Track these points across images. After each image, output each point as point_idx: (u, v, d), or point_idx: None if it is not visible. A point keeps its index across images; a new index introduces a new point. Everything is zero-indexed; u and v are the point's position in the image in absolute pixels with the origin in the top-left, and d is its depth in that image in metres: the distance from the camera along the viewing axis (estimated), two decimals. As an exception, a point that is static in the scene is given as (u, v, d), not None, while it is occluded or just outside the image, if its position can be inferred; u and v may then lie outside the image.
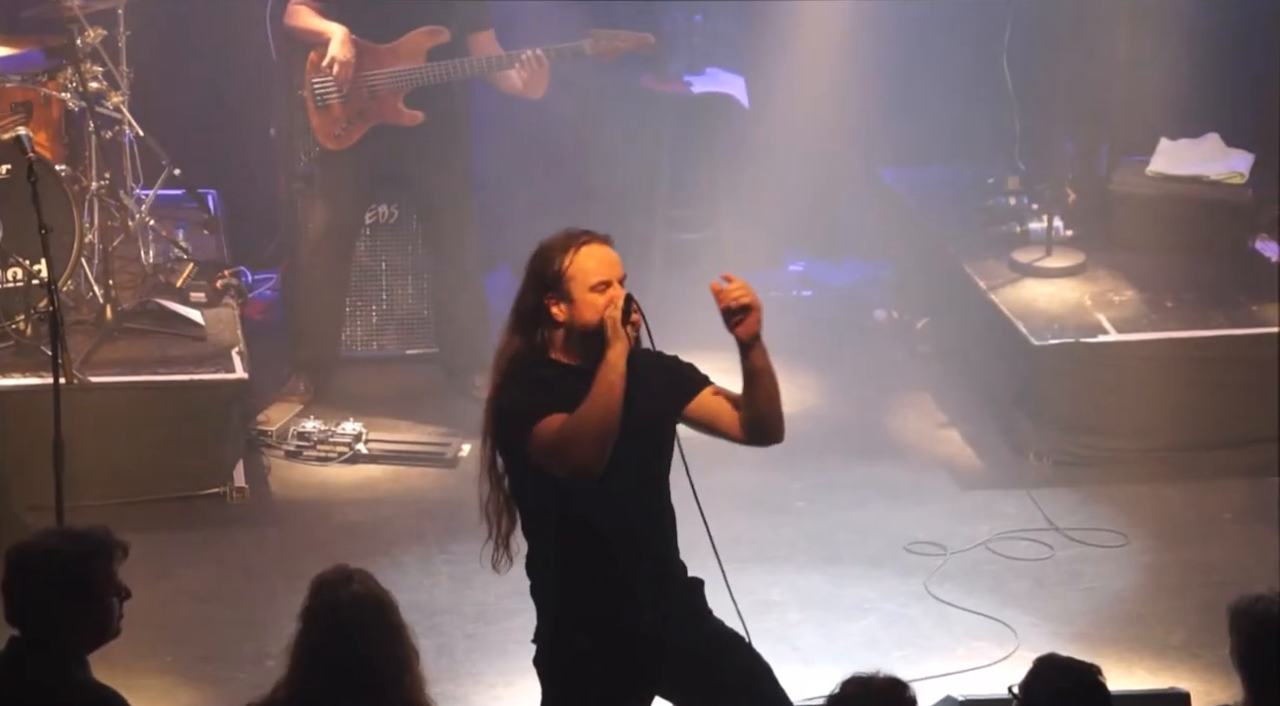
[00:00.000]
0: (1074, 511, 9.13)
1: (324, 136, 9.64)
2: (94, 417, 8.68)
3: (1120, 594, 8.50)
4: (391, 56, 9.53)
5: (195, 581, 8.27)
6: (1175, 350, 9.58)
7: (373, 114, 9.58)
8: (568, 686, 6.09)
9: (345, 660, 5.71)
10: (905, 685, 5.55)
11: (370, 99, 9.55)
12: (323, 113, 9.61)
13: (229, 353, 9.44)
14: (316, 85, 9.57)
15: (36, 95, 9.48)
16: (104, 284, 9.52)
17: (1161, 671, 7.57)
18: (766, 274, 11.04)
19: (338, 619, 5.74)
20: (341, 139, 9.63)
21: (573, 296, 5.99)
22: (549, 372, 5.98)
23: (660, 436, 6.12)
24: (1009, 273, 10.14)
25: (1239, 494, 9.25)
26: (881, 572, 8.68)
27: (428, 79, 9.54)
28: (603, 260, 6.05)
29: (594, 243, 6.08)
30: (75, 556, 5.69)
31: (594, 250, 6.06)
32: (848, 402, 10.09)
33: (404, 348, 10.32)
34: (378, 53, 9.53)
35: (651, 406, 6.10)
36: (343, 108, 9.58)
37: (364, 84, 9.52)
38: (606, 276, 6.03)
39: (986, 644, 8.09)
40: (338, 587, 5.77)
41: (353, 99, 9.55)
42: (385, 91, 9.53)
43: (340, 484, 9.38)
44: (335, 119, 9.60)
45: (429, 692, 5.77)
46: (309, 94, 9.61)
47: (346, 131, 9.62)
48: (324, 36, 9.51)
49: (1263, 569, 8.21)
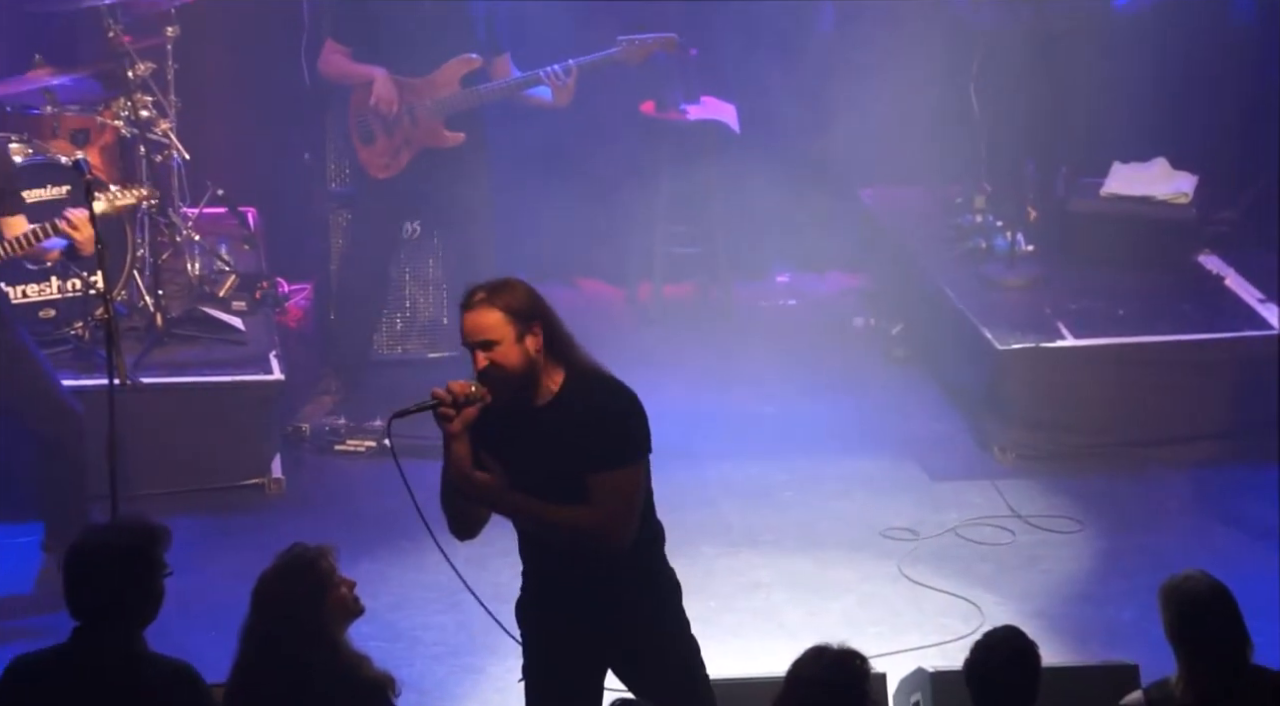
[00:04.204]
0: (1034, 500, 9.13)
1: (373, 168, 9.62)
2: (145, 415, 8.70)
3: (1076, 575, 8.52)
4: (430, 87, 9.50)
5: (236, 564, 8.24)
6: (1126, 354, 9.59)
7: (418, 140, 9.54)
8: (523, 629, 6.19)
9: (262, 632, 5.73)
10: (858, 654, 5.49)
11: (413, 126, 9.51)
12: (368, 146, 9.59)
13: (267, 356, 9.45)
14: (360, 122, 9.56)
15: (93, 122, 9.52)
16: (154, 294, 9.54)
17: (1113, 646, 7.57)
18: (755, 285, 11.08)
19: (255, 595, 5.78)
20: (390, 167, 9.60)
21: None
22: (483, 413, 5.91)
23: (570, 474, 5.90)
24: (975, 283, 10.13)
25: (1183, 485, 9.26)
26: (860, 556, 8.68)
27: (469, 102, 9.51)
28: (468, 326, 5.90)
29: (465, 309, 5.91)
30: (134, 548, 5.72)
31: (465, 317, 5.91)
32: (829, 402, 10.06)
33: (426, 352, 10.33)
34: (416, 85, 9.50)
35: (569, 451, 5.90)
36: (388, 139, 9.56)
37: (406, 114, 9.50)
38: (470, 341, 5.89)
39: (955, 620, 8.10)
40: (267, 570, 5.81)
41: (397, 129, 9.53)
42: (428, 117, 9.50)
43: (367, 475, 9.37)
44: (381, 150, 9.58)
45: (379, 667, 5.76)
46: (355, 130, 9.59)
47: (395, 160, 9.59)
48: (365, 78, 9.48)
49: (1204, 553, 8.23)
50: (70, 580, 5.71)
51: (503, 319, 5.84)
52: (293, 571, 5.76)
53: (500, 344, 5.83)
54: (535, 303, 5.91)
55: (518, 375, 5.85)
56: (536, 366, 5.89)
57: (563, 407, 5.90)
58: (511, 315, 5.85)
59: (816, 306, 11.02)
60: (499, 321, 5.84)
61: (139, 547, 5.71)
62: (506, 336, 5.84)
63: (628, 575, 6.04)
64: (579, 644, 6.09)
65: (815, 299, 11.09)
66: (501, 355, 5.82)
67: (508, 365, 5.83)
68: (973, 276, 10.19)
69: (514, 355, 5.84)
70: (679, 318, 10.77)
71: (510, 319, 5.84)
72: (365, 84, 9.50)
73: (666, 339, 10.59)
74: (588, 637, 6.08)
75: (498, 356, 5.82)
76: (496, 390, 5.84)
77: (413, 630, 7.85)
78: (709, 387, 10.16)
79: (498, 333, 5.83)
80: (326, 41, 9.65)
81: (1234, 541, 8.77)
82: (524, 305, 5.88)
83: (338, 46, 9.58)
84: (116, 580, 5.66)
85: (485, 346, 5.83)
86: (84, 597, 5.69)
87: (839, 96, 10.79)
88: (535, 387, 5.90)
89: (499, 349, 5.83)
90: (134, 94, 9.58)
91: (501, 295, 5.87)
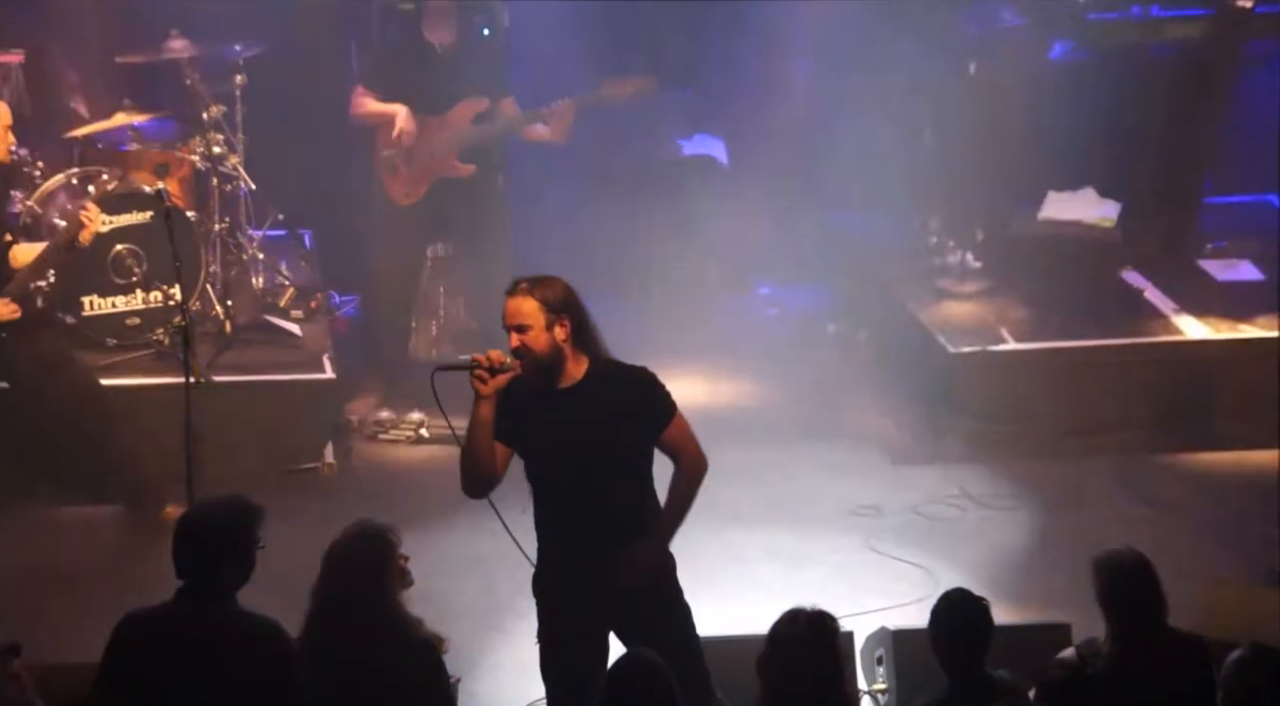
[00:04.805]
0: (982, 482, 9.15)
1: (396, 196, 9.61)
2: (216, 409, 8.69)
3: (1017, 547, 8.54)
4: (445, 124, 9.50)
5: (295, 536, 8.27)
6: (1060, 356, 9.62)
7: (434, 171, 9.53)
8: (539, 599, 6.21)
9: (333, 592, 5.79)
10: (829, 615, 5.55)
11: (430, 159, 9.52)
12: (392, 177, 9.58)
13: (320, 358, 9.49)
14: (386, 156, 9.56)
15: (172, 157, 9.55)
16: (224, 304, 9.58)
17: (1049, 608, 7.58)
18: (741, 297, 11.09)
19: (328, 559, 5.82)
20: (411, 195, 9.60)
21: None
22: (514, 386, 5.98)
23: (611, 438, 6.01)
24: (931, 295, 10.17)
25: (1110, 469, 9.27)
26: (832, 531, 8.70)
27: (477, 138, 9.50)
28: (508, 310, 5.99)
29: (509, 295, 6.01)
30: (236, 523, 5.75)
31: (507, 302, 6.00)
32: (805, 397, 10.08)
33: (457, 353, 10.24)
34: (433, 123, 9.50)
35: (610, 415, 5.99)
36: (409, 171, 9.55)
37: (424, 148, 9.52)
38: (508, 323, 5.99)
39: (913, 586, 8.12)
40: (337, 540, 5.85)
41: (416, 162, 9.53)
42: (444, 151, 9.51)
43: (407, 460, 9.43)
44: (403, 180, 9.57)
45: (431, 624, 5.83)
46: (380, 163, 9.58)
47: (415, 189, 9.58)
48: (389, 116, 9.47)
49: (1128, 528, 8.20)
50: (179, 547, 5.72)
51: (537, 308, 5.95)
52: (364, 540, 5.80)
53: (532, 329, 5.94)
54: (569, 298, 6.01)
55: (544, 357, 5.96)
56: (561, 353, 5.98)
57: (588, 391, 5.99)
58: (545, 306, 5.95)
59: (794, 315, 11.03)
60: (534, 309, 5.95)
61: (240, 523, 5.74)
62: (538, 323, 5.95)
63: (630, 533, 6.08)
64: (588, 610, 6.12)
65: (793, 309, 11.10)
66: (532, 338, 5.94)
67: (535, 348, 5.94)
68: (928, 289, 10.22)
69: (542, 340, 5.95)
70: (672, 324, 10.77)
71: (544, 308, 5.95)
72: (389, 122, 9.49)
73: (661, 343, 10.59)
74: (595, 605, 6.10)
75: (528, 339, 5.94)
76: (525, 366, 5.93)
77: (444, 594, 7.86)
78: (700, 385, 10.16)
79: (531, 319, 5.95)
80: (356, 87, 9.65)
81: (1150, 517, 8.79)
82: (558, 299, 5.98)
83: (367, 91, 9.59)
84: (218, 549, 5.68)
85: (520, 329, 5.95)
86: (189, 562, 5.72)
87: (814, 135, 10.81)
88: (560, 372, 5.99)
89: (530, 333, 5.94)
90: (207, 133, 9.63)
91: (540, 288, 5.98)
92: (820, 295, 11.13)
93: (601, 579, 6.05)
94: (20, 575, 8.27)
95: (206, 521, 5.75)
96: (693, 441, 6.15)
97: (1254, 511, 8.64)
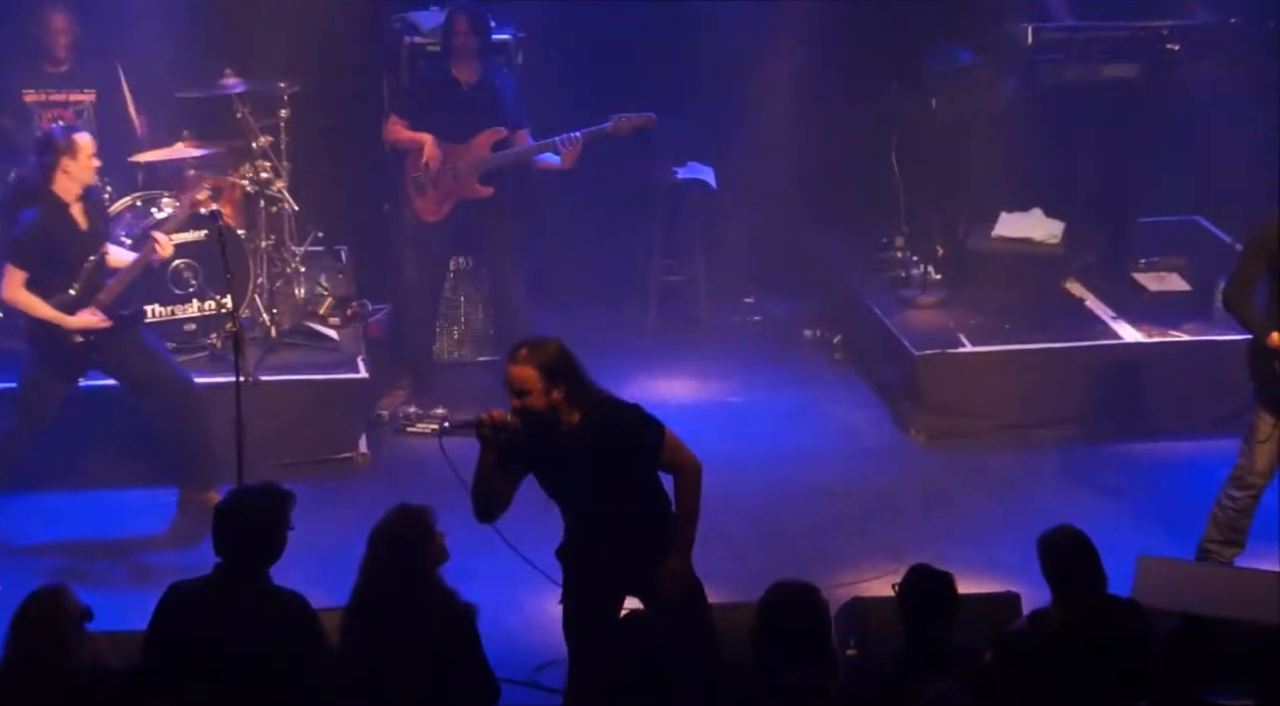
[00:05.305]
0: (941, 468, 9.16)
1: (424, 213, 9.60)
2: (263, 405, 8.70)
3: (973, 525, 8.54)
4: (467, 151, 9.49)
5: (332, 518, 8.30)
6: (1010, 357, 9.61)
7: (458, 192, 9.52)
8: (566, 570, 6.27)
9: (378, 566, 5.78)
10: (816, 588, 5.61)
11: (454, 182, 9.51)
12: (420, 196, 9.59)
13: (355, 360, 9.49)
14: (414, 178, 9.57)
15: (225, 182, 9.55)
16: (270, 312, 9.59)
17: (1001, 580, 7.59)
18: (728, 305, 11.09)
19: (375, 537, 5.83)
20: (436, 213, 9.59)
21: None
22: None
23: (608, 471, 6.07)
24: (896, 304, 10.15)
25: (1053, 457, 9.28)
26: (810, 510, 8.71)
27: (496, 164, 9.47)
28: (510, 376, 6.01)
29: (510, 361, 6.02)
30: (270, 507, 5.76)
31: (509, 368, 6.01)
32: (786, 394, 10.07)
33: (476, 356, 10.32)
34: (457, 150, 9.50)
35: (602, 452, 6.04)
36: (435, 192, 9.56)
37: (449, 171, 9.53)
38: (510, 389, 6.01)
39: (883, 560, 8.12)
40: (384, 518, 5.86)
41: (441, 184, 9.53)
42: (466, 175, 9.51)
43: (431, 451, 9.28)
44: (430, 200, 9.56)
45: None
46: (409, 184, 9.59)
47: (440, 208, 9.57)
48: (418, 143, 9.48)
49: (1071, 510, 8.17)
50: (218, 527, 5.74)
51: (536, 375, 5.94)
52: (406, 520, 5.81)
53: (531, 394, 5.94)
54: (563, 361, 5.99)
55: (543, 416, 5.97)
56: (558, 410, 5.99)
57: (585, 432, 6.00)
58: (543, 372, 5.94)
59: (776, 322, 11.01)
60: (533, 376, 5.94)
61: (273, 507, 5.75)
62: (537, 388, 5.94)
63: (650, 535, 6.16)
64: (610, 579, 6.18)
65: (775, 316, 11.08)
66: (531, 402, 5.95)
67: (535, 408, 5.96)
68: (894, 298, 10.21)
69: (541, 403, 5.96)
70: (668, 330, 10.78)
71: (542, 375, 5.94)
72: (418, 148, 9.50)
73: (659, 346, 10.61)
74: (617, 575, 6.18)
75: (528, 402, 5.95)
76: (525, 422, 5.96)
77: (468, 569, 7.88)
78: (691, 383, 10.18)
79: (530, 384, 5.95)
80: (389, 116, 9.67)
81: (1090, 500, 8.79)
82: (554, 363, 5.96)
83: (399, 120, 9.60)
84: (253, 530, 5.70)
85: (520, 394, 5.94)
86: (227, 542, 5.73)
87: (793, 162, 10.78)
88: (557, 424, 6.00)
89: (530, 397, 5.95)
90: (256, 160, 9.63)
91: (538, 354, 5.96)
92: (798, 304, 11.13)
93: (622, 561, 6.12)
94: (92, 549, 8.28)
95: (242, 507, 5.77)
96: (685, 453, 6.16)
97: (1182, 494, 8.64)
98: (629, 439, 6.07)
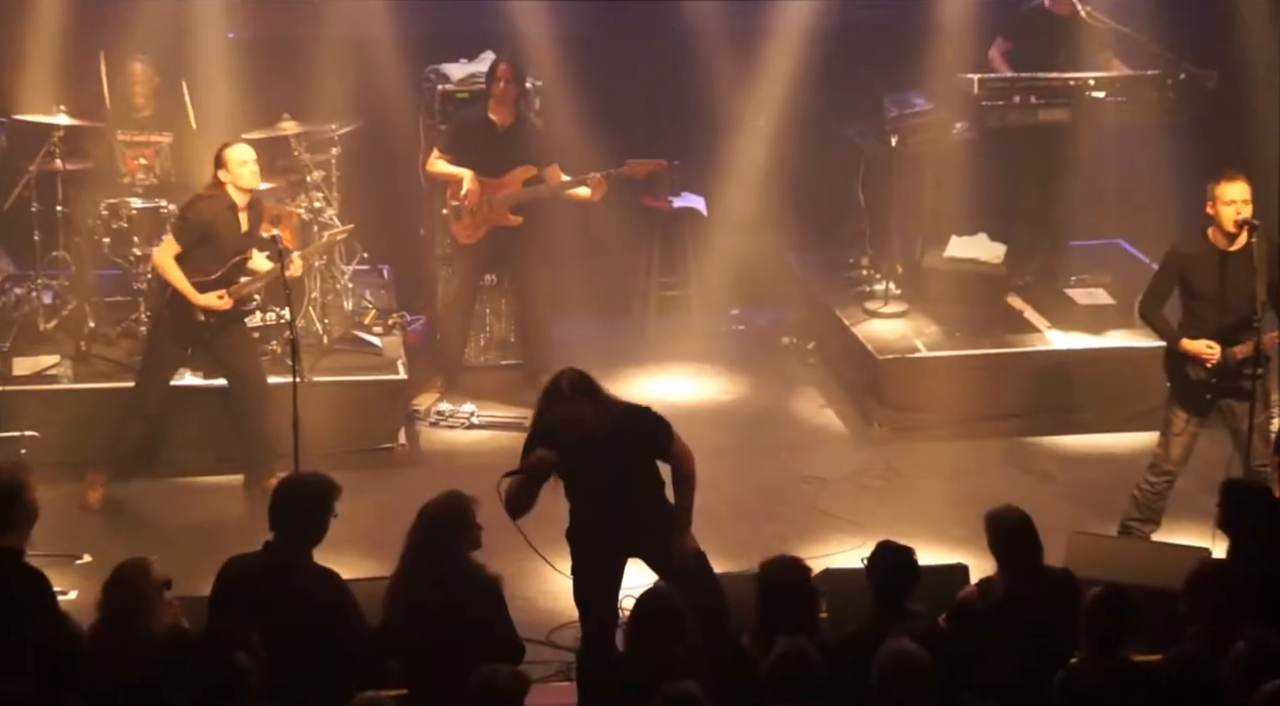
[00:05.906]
0: (902, 457, 9.15)
1: (461, 237, 9.62)
2: (316, 402, 8.67)
3: (928, 506, 8.52)
4: (502, 185, 9.48)
5: (374, 501, 8.30)
6: (961, 361, 9.60)
7: (492, 220, 9.52)
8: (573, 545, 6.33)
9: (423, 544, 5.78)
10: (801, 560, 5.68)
11: (490, 211, 9.50)
12: (457, 222, 9.59)
13: (395, 363, 9.47)
14: (454, 206, 9.57)
15: (284, 211, 9.52)
16: (322, 322, 9.57)
17: (951, 552, 7.60)
18: (715, 316, 11.07)
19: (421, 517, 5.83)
20: (472, 237, 9.59)
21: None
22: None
23: (624, 462, 6.17)
24: (862, 315, 10.13)
25: (998, 448, 9.27)
26: (786, 496, 8.71)
27: (528, 197, 9.47)
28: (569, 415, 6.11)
29: (562, 401, 6.10)
30: (317, 495, 5.76)
31: (563, 407, 6.08)
32: (765, 394, 10.06)
33: (499, 360, 10.30)
34: (492, 183, 9.49)
35: (620, 448, 6.14)
36: (471, 219, 9.57)
37: (485, 202, 9.51)
38: (565, 425, 6.10)
39: (849, 537, 8.14)
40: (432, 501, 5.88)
41: (478, 212, 9.54)
42: (500, 205, 9.49)
43: (462, 442, 9.40)
44: (467, 226, 9.57)
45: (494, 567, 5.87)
46: (450, 211, 9.60)
47: (475, 233, 9.57)
48: (458, 177, 9.49)
49: (1012, 492, 8.23)
50: (273, 507, 5.76)
51: (586, 405, 6.08)
52: (452, 505, 5.82)
53: (584, 421, 6.07)
54: (592, 384, 6.15)
55: (585, 431, 6.09)
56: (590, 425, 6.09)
57: (608, 436, 6.11)
58: (588, 400, 6.09)
59: (757, 330, 10.98)
60: (586, 408, 6.08)
61: (318, 497, 5.75)
62: (588, 415, 6.08)
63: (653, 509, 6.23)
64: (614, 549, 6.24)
65: (757, 326, 11.04)
66: (583, 426, 6.07)
67: (582, 428, 6.07)
68: (860, 310, 10.19)
69: (588, 424, 6.07)
70: (664, 337, 10.78)
71: (588, 403, 6.08)
72: (458, 181, 9.50)
73: (656, 351, 10.62)
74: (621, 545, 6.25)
75: (583, 430, 6.07)
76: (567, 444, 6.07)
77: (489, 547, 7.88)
78: (684, 384, 10.16)
79: (585, 414, 6.09)
80: (433, 150, 9.66)
81: (1029, 484, 8.82)
82: (590, 389, 6.11)
83: (441, 155, 9.60)
84: (302, 514, 5.70)
85: (575, 423, 6.06)
86: (279, 520, 5.74)
87: (774, 192, 10.78)
88: (589, 433, 6.11)
89: (584, 425, 6.07)
90: (310, 191, 9.63)
91: (578, 387, 6.09)
92: (777, 315, 11.10)
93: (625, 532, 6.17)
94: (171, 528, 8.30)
95: (293, 493, 5.78)
96: (682, 445, 6.27)
97: (1106, 480, 8.66)
98: (647, 439, 6.21)
